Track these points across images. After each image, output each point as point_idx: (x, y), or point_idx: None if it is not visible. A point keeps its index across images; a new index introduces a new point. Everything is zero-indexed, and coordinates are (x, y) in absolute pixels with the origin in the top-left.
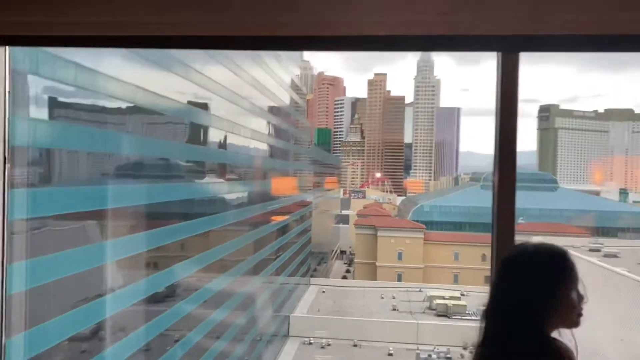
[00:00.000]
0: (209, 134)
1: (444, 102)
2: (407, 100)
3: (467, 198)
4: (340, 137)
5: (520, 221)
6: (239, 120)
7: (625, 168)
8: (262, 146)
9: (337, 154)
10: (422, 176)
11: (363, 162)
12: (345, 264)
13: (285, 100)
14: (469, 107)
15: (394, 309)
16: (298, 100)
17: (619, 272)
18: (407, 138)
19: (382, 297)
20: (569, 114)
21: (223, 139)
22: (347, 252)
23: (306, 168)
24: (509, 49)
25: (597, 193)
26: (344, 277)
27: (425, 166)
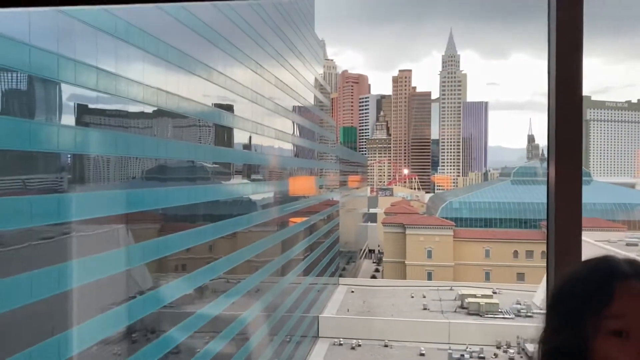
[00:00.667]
0: (235, 136)
1: (471, 97)
2: (433, 95)
3: (497, 194)
4: (366, 135)
5: None
6: (263, 120)
7: None
8: (287, 146)
9: (363, 151)
10: (450, 172)
11: (389, 160)
12: (374, 262)
13: (310, 99)
14: (498, 100)
15: (425, 308)
16: (323, 99)
17: None
18: (434, 134)
19: (412, 296)
20: (600, 105)
21: (248, 140)
22: (376, 251)
23: (332, 167)
24: None
25: (632, 186)
26: (373, 277)
27: (453, 162)
